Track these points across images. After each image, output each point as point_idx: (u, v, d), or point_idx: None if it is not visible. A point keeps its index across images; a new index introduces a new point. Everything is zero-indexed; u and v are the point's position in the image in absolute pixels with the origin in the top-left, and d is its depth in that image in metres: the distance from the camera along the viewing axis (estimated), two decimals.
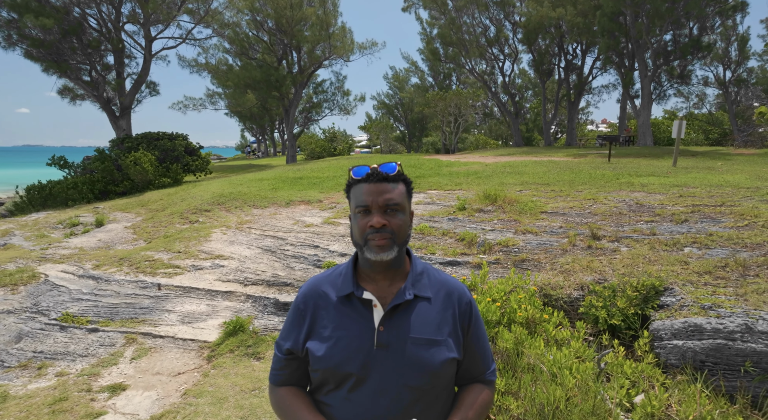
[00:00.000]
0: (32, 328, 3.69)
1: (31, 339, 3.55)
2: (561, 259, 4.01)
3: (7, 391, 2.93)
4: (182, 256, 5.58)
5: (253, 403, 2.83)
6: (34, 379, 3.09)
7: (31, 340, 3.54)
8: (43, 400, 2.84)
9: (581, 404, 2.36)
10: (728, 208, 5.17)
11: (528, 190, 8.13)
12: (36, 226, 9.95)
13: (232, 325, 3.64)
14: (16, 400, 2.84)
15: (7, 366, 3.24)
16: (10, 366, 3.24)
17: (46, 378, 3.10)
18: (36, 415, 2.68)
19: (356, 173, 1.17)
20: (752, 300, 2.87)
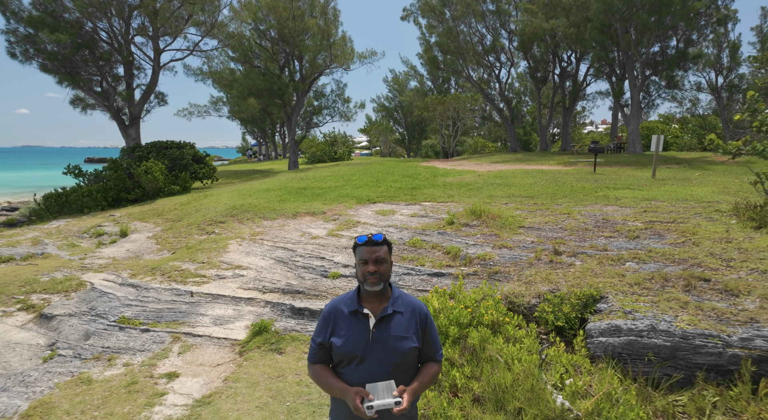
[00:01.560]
0: (97, 329, 4.55)
1: (97, 337, 4.41)
2: (526, 272, 4.87)
3: (90, 377, 3.78)
4: (206, 266, 6.44)
5: (279, 386, 3.69)
6: (107, 368, 3.95)
7: (98, 338, 4.39)
8: (118, 383, 3.70)
9: (523, 384, 3.22)
10: (676, 225, 6.03)
11: (513, 203, 8.99)
12: (61, 235, 10.82)
13: (257, 326, 4.50)
14: (99, 383, 3.70)
15: (84, 358, 4.09)
16: (86, 358, 4.09)
17: (116, 367, 3.96)
18: (117, 394, 3.54)
19: (359, 240, 2.00)
20: (662, 306, 3.73)
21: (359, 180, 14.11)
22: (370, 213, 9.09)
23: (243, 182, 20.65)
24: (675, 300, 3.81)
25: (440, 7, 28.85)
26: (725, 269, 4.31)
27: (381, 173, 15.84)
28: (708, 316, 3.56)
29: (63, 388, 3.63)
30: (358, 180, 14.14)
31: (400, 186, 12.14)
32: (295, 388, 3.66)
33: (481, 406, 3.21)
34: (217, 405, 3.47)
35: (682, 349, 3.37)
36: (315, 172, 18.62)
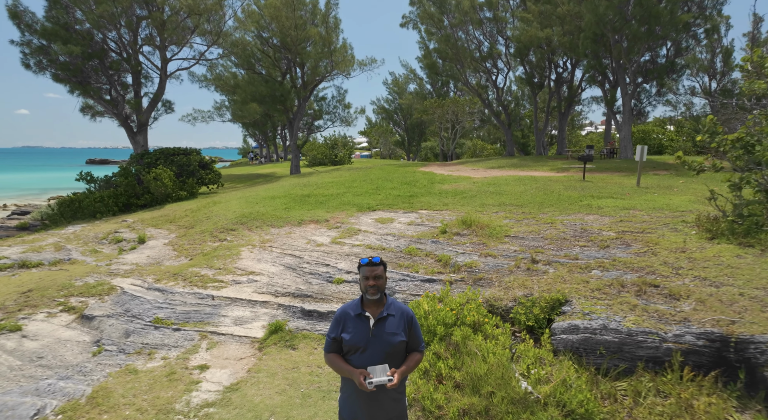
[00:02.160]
0: (135, 328, 5.27)
1: (136, 335, 5.13)
2: (506, 279, 5.60)
3: (135, 368, 4.51)
4: (223, 272, 7.17)
5: (294, 376, 4.41)
6: (149, 361, 4.67)
7: (137, 336, 5.12)
8: (160, 373, 4.42)
9: (495, 373, 3.95)
10: (643, 236, 6.76)
11: (503, 212, 9.72)
12: (80, 240, 11.55)
13: (273, 326, 5.22)
14: (143, 373, 4.43)
15: (127, 352, 4.81)
16: (129, 352, 4.82)
17: (156, 360, 4.68)
18: (160, 381, 4.27)
19: (362, 262, 2.72)
20: (615, 308, 4.46)
21: (360, 187, 14.84)
22: (370, 221, 9.82)
23: (247, 187, 21.38)
24: (626, 303, 4.54)
25: (438, 15, 29.59)
26: (674, 276, 5.03)
27: (380, 180, 16.57)
28: (651, 316, 4.28)
29: (115, 377, 4.36)
30: (359, 187, 14.86)
31: (399, 194, 12.87)
32: (307, 378, 4.39)
33: (461, 390, 3.93)
34: (244, 391, 4.19)
35: (627, 344, 4.09)
36: (317, 178, 19.34)
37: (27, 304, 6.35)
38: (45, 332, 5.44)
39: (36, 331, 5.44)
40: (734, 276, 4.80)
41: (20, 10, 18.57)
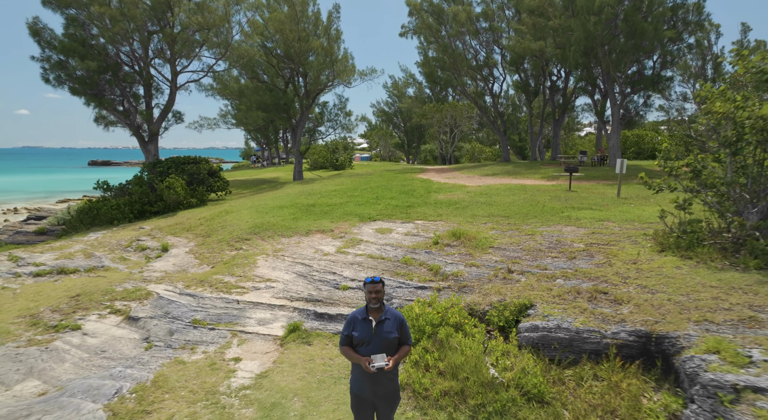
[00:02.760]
0: (177, 327, 6.36)
1: (179, 333, 6.22)
2: (485, 286, 6.69)
3: (182, 360, 5.60)
4: (243, 279, 8.25)
5: (311, 366, 5.50)
6: (192, 354, 5.76)
7: (180, 334, 6.21)
8: (203, 364, 5.51)
9: (470, 363, 5.03)
10: (607, 248, 7.84)
11: (490, 223, 10.80)
12: (105, 247, 12.64)
13: (291, 326, 6.31)
14: (190, 363, 5.52)
15: (173, 347, 5.90)
16: (175, 347, 5.90)
17: (198, 354, 5.77)
18: (204, 370, 5.36)
19: (367, 280, 3.81)
20: (569, 312, 5.54)
21: (361, 196, 15.92)
22: (371, 231, 10.91)
23: (254, 194, 22.46)
24: (579, 307, 5.62)
25: (436, 26, 30.67)
26: (621, 285, 6.12)
27: (380, 189, 17.65)
28: (596, 318, 5.37)
29: (168, 367, 5.45)
30: (360, 196, 15.95)
31: (397, 204, 13.96)
32: (322, 368, 5.47)
33: (443, 376, 5.02)
34: (271, 378, 5.28)
35: (576, 340, 5.18)
36: (320, 186, 20.42)
37: (79, 307, 7.44)
38: (101, 331, 6.53)
39: (93, 330, 6.53)
40: (668, 284, 5.89)
41: (40, 27, 19.64)
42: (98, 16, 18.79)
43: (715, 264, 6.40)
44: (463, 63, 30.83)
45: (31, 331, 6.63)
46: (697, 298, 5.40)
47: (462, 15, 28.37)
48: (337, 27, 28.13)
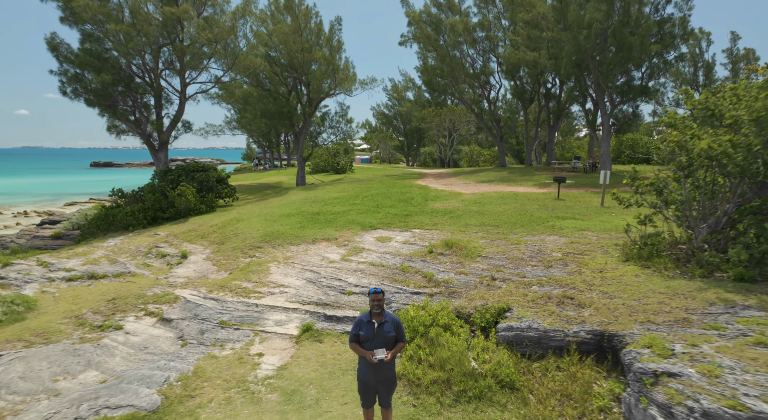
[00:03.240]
0: (206, 328, 7.42)
1: (209, 333, 7.28)
2: (471, 292, 7.74)
3: (214, 354, 6.66)
4: (259, 285, 9.31)
5: (323, 360, 6.56)
6: (222, 350, 6.82)
7: (210, 333, 7.27)
8: (232, 358, 6.57)
9: (455, 357, 6.08)
10: (580, 257, 8.90)
11: (481, 232, 11.84)
12: (126, 253, 13.70)
13: (305, 326, 7.36)
14: (221, 358, 6.57)
15: (205, 344, 6.96)
16: (207, 344, 6.96)
17: (227, 350, 6.83)
18: (233, 363, 6.41)
19: (371, 291, 4.87)
20: (539, 314, 6.60)
21: (362, 204, 16.98)
22: (372, 239, 11.96)
23: (260, 200, 23.51)
24: (548, 311, 6.68)
25: (435, 35, 31.70)
26: (587, 291, 7.18)
27: (380, 196, 18.71)
28: (561, 319, 6.42)
29: (203, 360, 6.51)
30: (361, 204, 17.00)
31: (396, 212, 15.01)
32: (332, 361, 6.53)
33: (432, 368, 6.08)
34: (290, 369, 6.34)
35: (544, 338, 6.23)
36: (323, 193, 21.48)
37: (116, 309, 8.51)
38: (140, 330, 7.59)
39: (134, 330, 7.60)
40: (625, 291, 6.95)
41: (57, 42, 20.71)
42: (113, 33, 19.86)
43: (668, 273, 7.46)
44: (461, 71, 31.89)
45: (79, 331, 7.69)
46: (646, 303, 6.46)
47: (459, 26, 29.43)
48: (339, 38, 29.20)
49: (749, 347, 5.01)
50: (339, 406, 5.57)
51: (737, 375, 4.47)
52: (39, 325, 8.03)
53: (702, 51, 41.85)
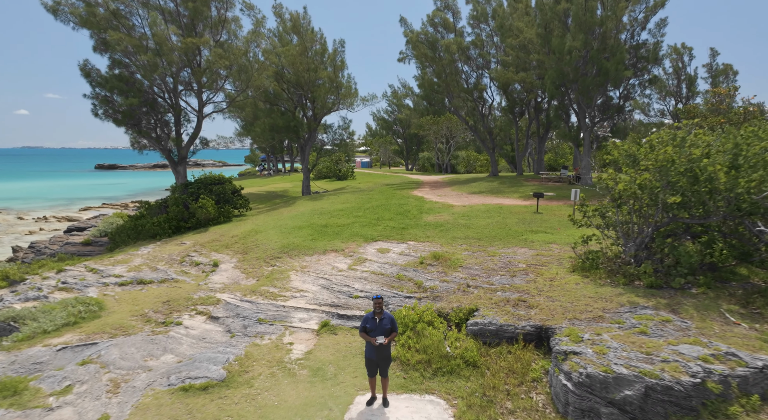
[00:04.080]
0: (248, 324, 9.71)
1: (251, 328, 9.57)
2: (450, 297, 10.03)
3: (257, 343, 8.94)
4: (283, 290, 11.60)
5: (337, 347, 8.86)
6: (262, 340, 9.10)
7: (251, 328, 9.55)
8: (270, 346, 8.86)
9: (435, 344, 8.38)
10: (538, 268, 11.18)
11: (465, 245, 14.12)
12: (162, 261, 15.97)
13: (323, 323, 9.66)
14: (262, 346, 8.86)
15: (249, 336, 9.24)
16: (250, 336, 9.25)
17: (265, 340, 9.12)
18: (272, 350, 8.71)
19: (374, 297, 7.18)
20: (498, 313, 8.89)
21: (364, 217, 19.27)
22: (373, 250, 14.25)
23: (270, 209, 25.79)
24: (505, 311, 8.97)
25: (431, 54, 33.99)
26: (537, 296, 9.46)
27: (380, 209, 20.99)
28: (514, 317, 8.71)
29: (249, 347, 8.80)
30: (363, 217, 19.29)
31: (394, 225, 17.29)
32: (345, 348, 8.82)
33: (418, 352, 8.37)
34: (314, 354, 8.64)
35: (501, 330, 8.52)
36: (329, 204, 23.76)
37: (172, 309, 10.80)
38: (195, 326, 9.89)
39: (191, 325, 9.89)
40: (565, 296, 9.24)
41: (89, 68, 22.99)
42: (140, 60, 22.13)
43: (600, 282, 9.76)
44: (456, 87, 34.18)
45: (148, 326, 9.99)
46: (577, 305, 8.75)
47: (453, 46, 31.73)
48: (342, 58, 31.51)
49: (634, 335, 7.32)
50: (351, 378, 7.86)
51: (617, 353, 6.77)
52: (114, 321, 10.32)
53: (685, 65, 44.16)
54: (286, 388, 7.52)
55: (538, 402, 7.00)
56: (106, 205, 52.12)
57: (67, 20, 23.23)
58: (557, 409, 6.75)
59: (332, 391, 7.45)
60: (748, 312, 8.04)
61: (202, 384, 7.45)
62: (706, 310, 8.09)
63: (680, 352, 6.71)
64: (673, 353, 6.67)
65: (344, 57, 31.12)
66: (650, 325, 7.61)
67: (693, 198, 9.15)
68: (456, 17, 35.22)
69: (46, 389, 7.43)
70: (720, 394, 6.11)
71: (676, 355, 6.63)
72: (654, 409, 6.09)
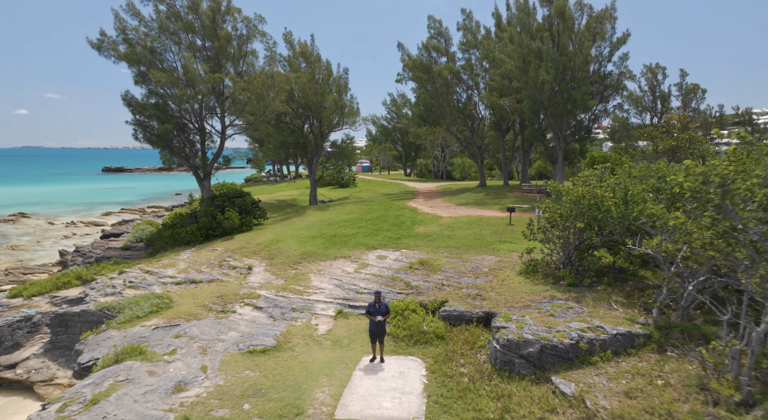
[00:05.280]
0: (284, 312, 13.57)
1: (287, 314, 13.42)
2: (429, 292, 13.92)
3: (293, 325, 12.80)
4: (307, 288, 15.48)
5: (349, 326, 12.75)
6: (296, 323, 12.96)
7: (287, 314, 13.41)
8: (302, 326, 12.74)
9: (416, 324, 12.26)
10: (498, 271, 15.05)
11: (446, 252, 17.99)
12: (203, 265, 19.85)
13: (338, 311, 13.54)
14: (296, 326, 12.73)
15: (287, 320, 13.09)
16: (288, 320, 13.10)
17: (299, 322, 12.98)
18: (303, 329, 12.58)
19: (375, 292, 11.06)
20: (461, 304, 12.76)
21: (366, 228, 23.12)
22: (374, 257, 18.11)
23: (284, 218, 29.63)
24: (467, 302, 12.85)
25: (425, 77, 37.86)
26: (490, 291, 13.34)
27: (379, 220, 24.85)
28: (472, 306, 12.59)
29: (288, 327, 12.68)
30: (365, 228, 23.15)
31: (390, 236, 21.15)
32: (354, 327, 12.71)
33: (404, 330, 12.26)
34: (333, 331, 12.53)
35: (462, 315, 12.39)
36: (335, 215, 27.61)
37: (226, 302, 14.68)
38: (246, 313, 13.78)
39: (242, 313, 13.78)
40: (509, 291, 13.11)
41: (130, 98, 26.86)
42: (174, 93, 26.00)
43: (536, 282, 13.63)
44: (448, 106, 38.07)
45: (211, 313, 13.86)
46: (515, 297, 12.63)
47: (445, 72, 35.62)
48: (346, 82, 35.40)
49: (545, 317, 11.20)
50: (359, 346, 11.74)
51: (530, 327, 10.64)
52: (184, 310, 14.19)
53: (659, 82, 48.21)
54: (316, 351, 11.42)
55: (481, 359, 10.88)
56: (124, 210, 55.95)
57: (109, 55, 27.12)
58: (491, 362, 10.62)
59: (347, 354, 11.34)
60: (627, 302, 11.94)
61: (261, 349, 11.33)
62: (599, 301, 11.98)
63: (569, 326, 10.59)
64: (565, 327, 10.55)
65: (348, 81, 34.98)
66: (558, 310, 11.50)
67: (600, 223, 13.04)
68: (448, 43, 39.12)
69: (159, 352, 11.32)
70: (587, 350, 9.98)
71: (566, 328, 10.51)
72: (546, 359, 9.96)
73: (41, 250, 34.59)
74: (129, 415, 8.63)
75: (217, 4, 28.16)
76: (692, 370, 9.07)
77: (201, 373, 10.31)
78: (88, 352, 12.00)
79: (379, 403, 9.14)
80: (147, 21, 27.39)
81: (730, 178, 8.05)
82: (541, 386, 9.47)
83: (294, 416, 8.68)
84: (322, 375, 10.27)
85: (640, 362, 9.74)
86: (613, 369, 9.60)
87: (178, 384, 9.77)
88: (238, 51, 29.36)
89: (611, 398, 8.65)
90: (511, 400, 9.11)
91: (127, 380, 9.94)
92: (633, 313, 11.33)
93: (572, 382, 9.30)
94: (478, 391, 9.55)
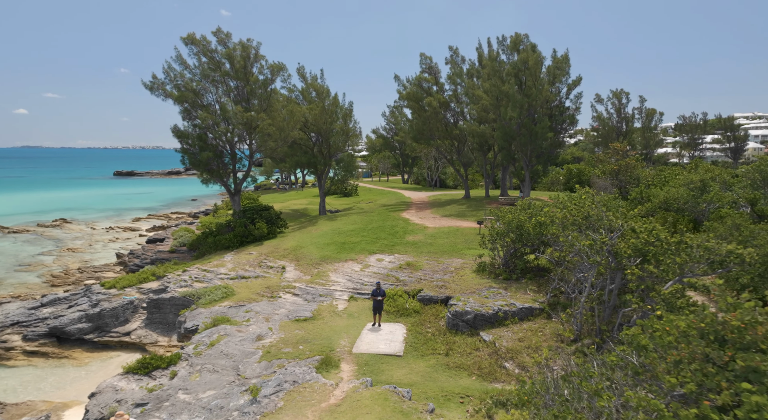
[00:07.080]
0: (314, 297, 20.20)
1: (317, 298, 20.04)
2: (412, 284, 20.59)
3: (321, 305, 19.44)
4: (328, 282, 22.15)
5: (359, 306, 19.42)
6: (322, 304, 19.59)
7: (317, 298, 20.02)
8: (327, 306, 19.41)
9: (402, 304, 18.92)
10: (460, 270, 21.71)
11: (426, 256, 24.66)
12: (246, 265, 26.57)
13: (350, 297, 20.22)
14: (323, 306, 19.37)
15: (317, 302, 19.71)
16: (318, 302, 19.72)
17: (324, 304, 19.62)
18: (328, 308, 19.25)
19: (376, 283, 17.73)
20: (432, 291, 19.42)
21: (367, 236, 29.76)
22: (374, 260, 24.76)
23: (300, 227, 36.25)
24: (435, 290, 19.50)
25: (418, 106, 44.49)
26: (451, 283, 19.99)
27: (378, 230, 31.49)
28: (439, 292, 19.24)
29: (318, 306, 19.33)
30: (367, 236, 29.79)
31: (387, 243, 27.77)
32: (361, 306, 19.39)
33: (393, 308, 18.93)
34: (347, 309, 19.21)
35: (432, 298, 19.04)
36: (343, 225, 34.25)
37: (272, 291, 21.37)
38: (288, 298, 20.46)
39: (285, 298, 20.46)
40: (464, 283, 19.76)
41: (180, 130, 33.50)
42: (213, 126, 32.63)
43: (484, 277, 20.28)
44: (437, 131, 44.72)
45: (264, 298, 20.52)
46: (468, 287, 19.29)
47: (434, 103, 42.30)
48: (351, 109, 42.09)
49: (482, 298, 17.87)
50: (365, 318, 18.41)
51: (470, 304, 17.31)
52: (244, 297, 20.84)
53: (623, 105, 54.91)
54: (338, 320, 18.08)
55: (441, 324, 17.51)
56: (151, 216, 62.52)
57: (159, 94, 33.76)
58: (447, 326, 17.23)
59: (357, 322, 18.01)
60: (538, 289, 18.59)
61: (303, 318, 17.99)
62: (519, 289, 18.64)
63: (495, 303, 17.24)
64: (492, 304, 17.20)
65: (353, 108, 41.71)
66: (491, 294, 18.15)
67: (523, 238, 19.68)
68: (437, 76, 45.76)
69: (239, 320, 17.97)
70: (502, 317, 16.63)
71: (493, 304, 17.16)
72: (478, 322, 16.60)
73: (95, 252, 41.13)
74: (236, 350, 15.30)
75: (247, 53, 34.81)
76: (558, 326, 15.77)
77: (269, 331, 16.97)
78: (190, 322, 18.66)
79: (377, 346, 15.80)
80: (191, 68, 34.05)
81: (562, 217, 14.77)
82: (473, 337, 16.14)
83: (329, 351, 15.34)
84: (343, 332, 16.95)
85: (534, 324, 16.42)
86: (516, 327, 16.28)
87: (258, 336, 16.45)
88: (263, 89, 36.00)
89: (509, 342, 15.33)
90: (455, 344, 15.79)
91: (226, 335, 16.61)
92: (537, 296, 18.00)
93: (491, 334, 15.98)
94: (436, 340, 16.25)
